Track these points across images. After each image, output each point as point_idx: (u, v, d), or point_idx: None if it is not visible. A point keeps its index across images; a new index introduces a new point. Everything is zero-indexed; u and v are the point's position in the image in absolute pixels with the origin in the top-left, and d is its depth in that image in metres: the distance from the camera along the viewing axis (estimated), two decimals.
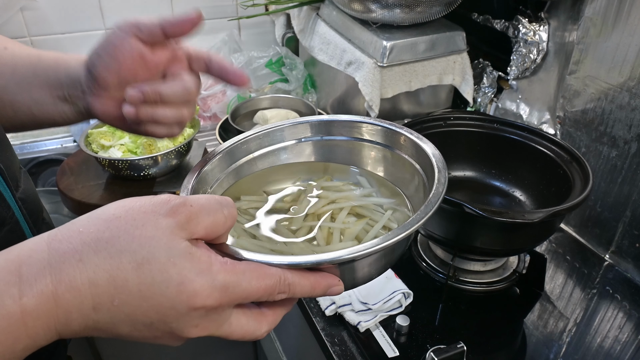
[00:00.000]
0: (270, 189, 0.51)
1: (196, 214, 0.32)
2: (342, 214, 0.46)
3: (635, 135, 0.82)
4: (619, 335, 0.76)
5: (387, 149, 0.51)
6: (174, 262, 0.30)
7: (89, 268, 0.30)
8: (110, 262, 0.30)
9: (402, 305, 0.77)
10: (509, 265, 0.86)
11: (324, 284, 0.35)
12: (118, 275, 0.30)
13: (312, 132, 0.53)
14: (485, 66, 1.15)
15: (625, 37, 0.80)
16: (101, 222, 0.31)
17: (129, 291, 0.30)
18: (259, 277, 0.32)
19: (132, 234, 0.31)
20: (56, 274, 0.29)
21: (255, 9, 1.35)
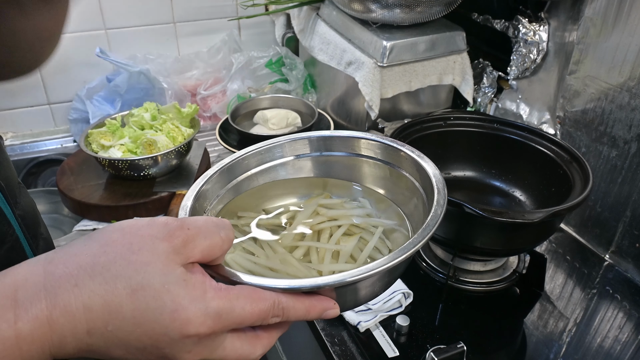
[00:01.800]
0: (269, 206, 0.51)
1: (193, 237, 0.32)
2: (339, 231, 0.46)
3: (635, 135, 0.82)
4: (619, 335, 0.76)
5: (387, 166, 0.50)
6: (168, 288, 0.30)
7: (84, 293, 0.30)
8: (105, 288, 0.30)
9: (402, 305, 0.77)
10: (509, 265, 0.86)
11: (319, 308, 0.35)
12: (113, 300, 0.30)
13: (312, 148, 0.52)
14: (485, 66, 1.15)
15: (625, 37, 0.80)
16: (98, 246, 0.31)
17: (123, 317, 0.30)
18: (252, 302, 0.32)
19: (128, 258, 0.31)
20: (51, 298, 0.29)
21: (255, 9, 1.35)
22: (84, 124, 1.26)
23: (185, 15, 1.39)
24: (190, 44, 1.42)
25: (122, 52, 1.33)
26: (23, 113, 1.33)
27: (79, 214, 1.01)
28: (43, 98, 1.33)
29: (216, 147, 1.25)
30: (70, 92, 1.31)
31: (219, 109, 1.33)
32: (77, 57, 1.31)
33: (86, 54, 1.29)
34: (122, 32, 1.34)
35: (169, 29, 1.39)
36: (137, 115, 1.09)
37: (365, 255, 0.44)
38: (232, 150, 1.15)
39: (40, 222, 0.55)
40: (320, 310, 0.35)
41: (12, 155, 1.26)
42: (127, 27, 1.34)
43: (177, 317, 0.30)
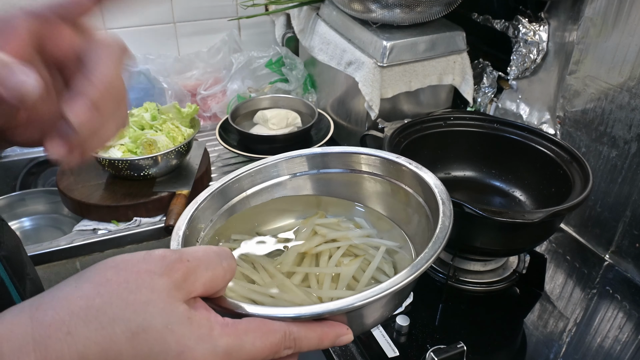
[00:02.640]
0: (263, 228, 0.48)
1: (194, 269, 0.30)
2: (338, 253, 0.44)
3: (635, 135, 0.82)
4: (619, 335, 0.76)
5: (386, 181, 0.47)
6: (171, 329, 0.28)
7: (79, 341, 0.26)
8: (102, 334, 0.27)
9: (402, 305, 0.77)
10: (509, 265, 0.86)
11: (332, 335, 0.33)
12: (111, 347, 0.27)
13: (308, 165, 0.50)
14: (485, 66, 1.15)
15: (625, 37, 0.80)
16: (90, 287, 0.28)
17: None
18: (262, 336, 0.30)
19: (125, 299, 0.27)
20: (41, 350, 0.26)
21: (255, 9, 1.35)
22: None
23: (185, 15, 1.39)
24: (190, 44, 1.42)
25: None
26: None
27: (79, 214, 1.01)
28: None
29: (216, 147, 1.25)
30: None
31: (219, 109, 1.33)
32: None
33: None
34: (122, 32, 1.34)
35: (169, 29, 1.39)
36: (137, 115, 1.09)
37: (369, 276, 0.41)
38: (232, 151, 1.15)
39: (26, 263, 0.51)
40: (333, 337, 0.33)
41: (12, 156, 1.26)
42: (127, 27, 1.34)
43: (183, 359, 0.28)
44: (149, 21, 1.36)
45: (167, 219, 0.96)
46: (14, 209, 1.17)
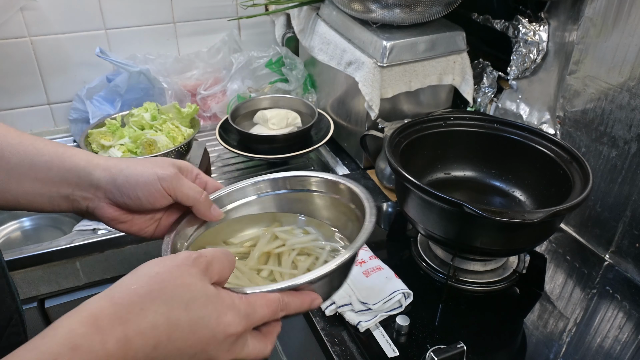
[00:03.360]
0: (230, 238, 0.60)
1: (210, 262, 0.41)
2: (294, 253, 0.56)
3: (635, 135, 0.82)
4: (619, 335, 0.76)
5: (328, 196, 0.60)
6: (210, 300, 0.39)
7: (149, 315, 0.37)
8: (165, 307, 0.37)
9: (402, 305, 0.77)
10: (509, 265, 0.86)
11: (309, 299, 0.45)
12: (172, 315, 0.37)
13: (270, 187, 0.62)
14: (485, 66, 1.15)
15: (625, 37, 0.80)
16: (148, 279, 0.38)
17: (182, 328, 0.37)
18: (267, 303, 0.42)
19: (174, 283, 0.38)
20: (125, 323, 0.36)
21: (255, 9, 1.35)
22: (84, 124, 1.26)
23: (185, 15, 1.39)
24: (190, 44, 1.42)
25: (122, 52, 1.33)
26: (23, 113, 1.33)
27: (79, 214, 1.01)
28: (43, 98, 1.33)
29: (216, 147, 1.25)
30: (70, 92, 1.31)
31: (219, 109, 1.33)
32: (77, 57, 1.31)
33: (86, 54, 1.29)
34: (122, 32, 1.34)
35: (169, 29, 1.39)
36: (137, 115, 1.09)
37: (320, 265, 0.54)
38: (232, 151, 1.15)
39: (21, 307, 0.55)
40: (310, 301, 0.45)
41: None
42: (127, 27, 1.34)
43: (221, 321, 0.39)
44: (149, 21, 1.36)
45: None
46: None
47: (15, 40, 1.23)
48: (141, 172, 0.51)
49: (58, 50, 1.28)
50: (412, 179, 0.72)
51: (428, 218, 0.78)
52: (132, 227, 0.56)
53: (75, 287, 1.01)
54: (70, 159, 0.52)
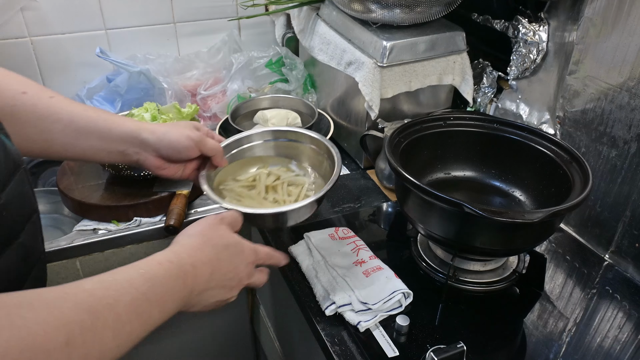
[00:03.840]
0: (238, 176, 0.87)
1: (230, 221, 0.65)
2: (285, 185, 0.84)
3: (634, 135, 0.82)
4: (619, 335, 0.76)
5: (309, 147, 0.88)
6: (237, 243, 0.63)
7: (207, 254, 0.58)
8: (214, 249, 0.60)
9: (402, 305, 0.77)
10: (508, 265, 0.86)
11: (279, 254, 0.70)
12: (219, 253, 0.60)
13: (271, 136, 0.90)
14: (485, 66, 1.15)
15: (625, 37, 0.80)
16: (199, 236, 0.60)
17: (224, 259, 0.60)
18: (265, 248, 0.67)
19: (215, 234, 0.61)
20: (193, 256, 0.57)
21: (255, 9, 1.35)
22: None
23: (186, 16, 1.39)
24: (190, 44, 1.43)
25: (122, 52, 1.33)
26: None
27: (79, 214, 1.01)
28: None
29: None
30: (71, 92, 1.31)
31: (219, 109, 1.33)
32: (77, 57, 1.31)
33: (86, 54, 1.29)
34: (122, 32, 1.34)
35: (169, 29, 1.39)
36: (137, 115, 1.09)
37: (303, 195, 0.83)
38: None
39: None
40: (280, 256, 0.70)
41: None
42: (127, 27, 1.34)
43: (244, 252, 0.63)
44: (149, 21, 1.36)
45: (167, 219, 0.96)
46: None
47: (16, 41, 1.23)
48: (179, 135, 0.74)
49: (58, 51, 1.29)
50: (412, 179, 0.73)
51: (428, 218, 0.78)
52: (168, 172, 0.77)
53: None
54: (124, 123, 0.73)
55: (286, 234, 0.94)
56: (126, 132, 0.72)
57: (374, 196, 1.07)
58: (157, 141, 0.73)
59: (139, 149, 0.73)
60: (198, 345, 1.28)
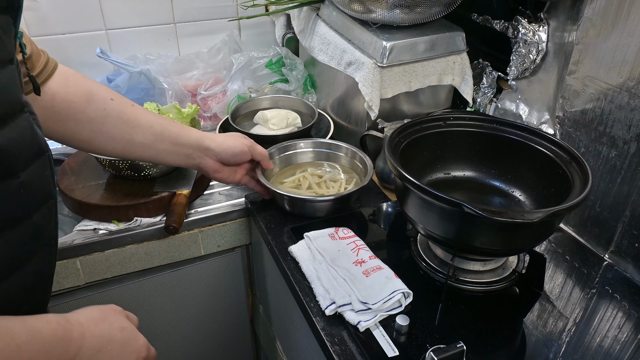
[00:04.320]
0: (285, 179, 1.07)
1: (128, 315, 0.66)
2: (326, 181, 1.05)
3: (634, 135, 0.82)
4: (619, 335, 0.76)
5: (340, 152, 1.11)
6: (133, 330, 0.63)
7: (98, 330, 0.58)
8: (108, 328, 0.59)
9: (402, 305, 0.77)
10: (508, 265, 0.86)
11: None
12: (111, 332, 0.59)
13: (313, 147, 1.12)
14: (485, 66, 1.15)
15: (625, 37, 0.81)
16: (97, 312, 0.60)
17: (115, 341, 0.59)
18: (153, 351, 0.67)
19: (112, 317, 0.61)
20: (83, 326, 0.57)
21: (256, 10, 1.35)
22: None
23: (186, 16, 1.39)
24: (190, 44, 1.43)
25: (122, 53, 1.33)
26: None
27: (80, 214, 1.01)
28: None
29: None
30: None
31: (219, 109, 1.33)
32: (77, 57, 1.31)
33: (87, 54, 1.30)
34: (122, 33, 1.34)
35: (169, 30, 1.39)
36: None
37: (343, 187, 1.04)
38: None
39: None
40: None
41: None
42: (127, 28, 1.34)
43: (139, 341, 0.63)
44: (150, 22, 1.36)
45: (168, 218, 0.96)
46: None
47: None
48: (235, 141, 0.91)
49: (58, 51, 1.29)
50: (412, 179, 0.73)
51: (428, 218, 0.78)
52: (223, 175, 0.92)
53: (75, 287, 1.01)
54: (190, 131, 0.87)
55: (286, 234, 0.94)
56: (193, 138, 0.86)
57: (374, 196, 1.07)
58: (217, 146, 0.88)
59: (202, 153, 0.88)
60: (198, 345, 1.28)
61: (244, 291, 1.26)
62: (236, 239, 1.13)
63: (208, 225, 1.07)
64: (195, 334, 1.25)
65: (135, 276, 1.07)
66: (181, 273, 1.13)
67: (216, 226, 1.08)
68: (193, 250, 1.09)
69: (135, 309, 1.17)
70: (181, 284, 1.15)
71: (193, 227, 1.06)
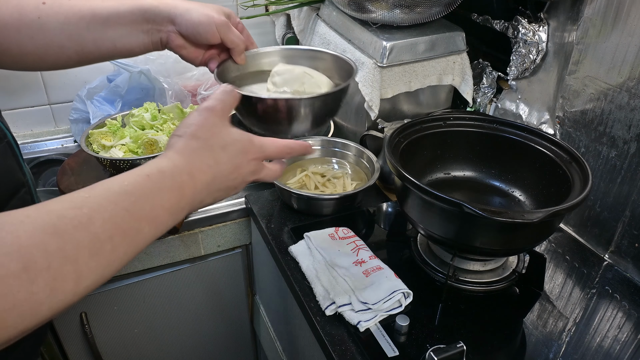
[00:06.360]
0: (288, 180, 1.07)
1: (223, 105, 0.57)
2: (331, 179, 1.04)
3: (634, 135, 0.82)
4: (619, 335, 0.76)
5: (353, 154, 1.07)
6: (236, 141, 0.55)
7: (205, 159, 0.53)
8: (211, 152, 0.53)
9: (402, 305, 0.77)
10: (508, 265, 0.86)
11: (306, 144, 0.62)
12: (217, 157, 0.53)
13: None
14: (485, 66, 1.15)
15: (625, 37, 0.81)
16: (193, 138, 0.53)
17: (224, 162, 0.54)
18: (277, 144, 0.59)
19: (210, 134, 0.54)
20: (191, 165, 0.52)
21: (256, 10, 1.35)
22: (84, 124, 1.26)
23: None
24: None
25: None
26: (24, 113, 1.34)
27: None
28: (44, 98, 1.33)
29: None
30: (71, 92, 1.31)
31: None
32: None
33: None
34: None
35: None
36: (137, 116, 1.10)
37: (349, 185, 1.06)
38: None
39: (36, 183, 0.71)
40: (306, 146, 0.62)
41: None
42: None
43: (245, 150, 0.56)
44: None
45: None
46: None
47: None
48: (200, 14, 0.69)
49: None
50: (412, 179, 0.73)
51: (428, 218, 0.78)
52: (189, 54, 0.73)
53: None
54: (145, 1, 0.69)
55: (286, 234, 0.94)
56: (148, 9, 0.69)
57: (374, 196, 1.07)
58: (177, 15, 0.69)
59: (162, 26, 0.70)
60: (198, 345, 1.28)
61: (244, 291, 1.26)
62: (236, 239, 1.13)
63: (208, 225, 1.07)
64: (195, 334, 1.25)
65: (135, 276, 1.07)
66: (181, 273, 1.13)
67: (216, 226, 1.08)
68: (193, 250, 1.09)
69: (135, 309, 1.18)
70: (181, 283, 1.15)
71: (193, 227, 1.06)
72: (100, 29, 0.68)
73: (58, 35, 0.67)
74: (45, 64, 0.69)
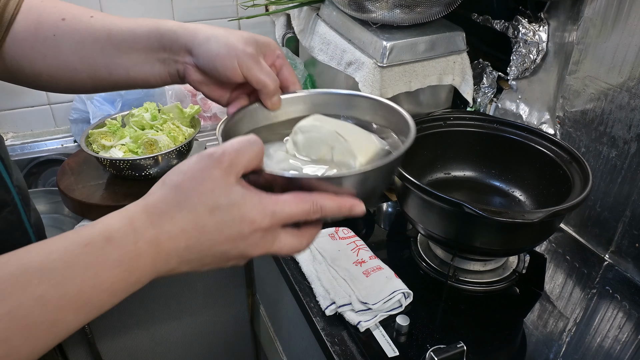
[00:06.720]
0: None
1: (235, 158, 0.41)
2: None
3: (634, 135, 0.82)
4: (619, 335, 0.76)
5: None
6: (233, 203, 0.41)
7: (179, 221, 0.40)
8: (192, 214, 0.40)
9: (402, 305, 0.77)
10: (508, 265, 0.86)
11: (348, 204, 0.44)
12: (199, 221, 0.40)
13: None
14: (485, 66, 1.15)
15: (625, 37, 0.81)
16: (173, 190, 0.41)
17: (209, 231, 0.40)
18: (297, 203, 0.42)
19: (198, 190, 0.41)
20: (156, 228, 0.39)
21: (256, 10, 1.35)
22: (84, 124, 1.26)
23: (186, 16, 1.39)
24: None
25: None
26: (24, 113, 1.33)
27: (80, 214, 1.01)
28: (43, 98, 1.33)
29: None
30: None
31: (219, 109, 1.33)
32: None
33: None
34: None
35: None
36: (137, 115, 1.09)
37: None
38: None
39: (30, 198, 0.63)
40: (349, 206, 0.44)
41: (13, 156, 1.26)
42: None
43: (245, 218, 0.41)
44: None
45: None
46: None
47: None
48: (222, 45, 0.54)
49: None
50: (412, 179, 0.73)
51: (428, 218, 0.78)
52: (212, 93, 0.59)
53: None
54: (164, 25, 0.57)
55: None
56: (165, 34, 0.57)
57: None
58: (195, 45, 0.55)
59: (177, 56, 0.57)
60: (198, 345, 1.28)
61: (244, 291, 1.26)
62: None
63: None
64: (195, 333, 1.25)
65: None
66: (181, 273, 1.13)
67: None
68: None
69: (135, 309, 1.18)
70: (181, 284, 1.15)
71: None
72: (114, 54, 0.59)
73: (71, 57, 0.59)
74: (59, 86, 0.62)
